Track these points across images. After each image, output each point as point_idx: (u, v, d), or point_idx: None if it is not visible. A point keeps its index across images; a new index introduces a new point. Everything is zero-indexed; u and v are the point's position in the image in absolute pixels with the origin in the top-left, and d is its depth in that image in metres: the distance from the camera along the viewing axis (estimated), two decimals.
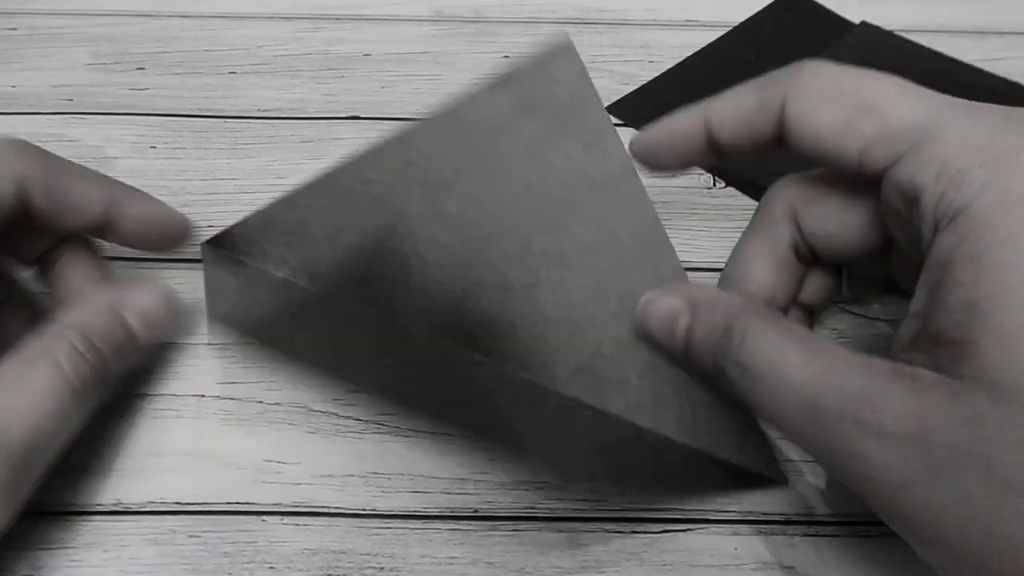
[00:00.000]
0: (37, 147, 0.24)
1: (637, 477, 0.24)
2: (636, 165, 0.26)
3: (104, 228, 0.25)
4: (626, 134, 0.37)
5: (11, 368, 0.21)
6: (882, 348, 0.21)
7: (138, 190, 0.26)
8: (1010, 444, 0.15)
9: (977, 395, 0.15)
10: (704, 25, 0.44)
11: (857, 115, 0.20)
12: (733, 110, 0.23)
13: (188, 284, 0.28)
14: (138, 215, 0.25)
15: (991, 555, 0.15)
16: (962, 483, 0.15)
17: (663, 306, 0.22)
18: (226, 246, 0.24)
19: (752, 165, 0.35)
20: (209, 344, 0.28)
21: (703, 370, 0.22)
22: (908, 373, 0.17)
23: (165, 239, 0.27)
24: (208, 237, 0.24)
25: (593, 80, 0.41)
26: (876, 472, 0.16)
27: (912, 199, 0.19)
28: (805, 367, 0.18)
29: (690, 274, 0.25)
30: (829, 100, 0.21)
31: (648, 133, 0.25)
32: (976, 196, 0.17)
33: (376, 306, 0.23)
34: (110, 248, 0.27)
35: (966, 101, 0.19)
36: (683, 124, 0.24)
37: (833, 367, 0.18)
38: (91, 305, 0.23)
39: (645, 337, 0.23)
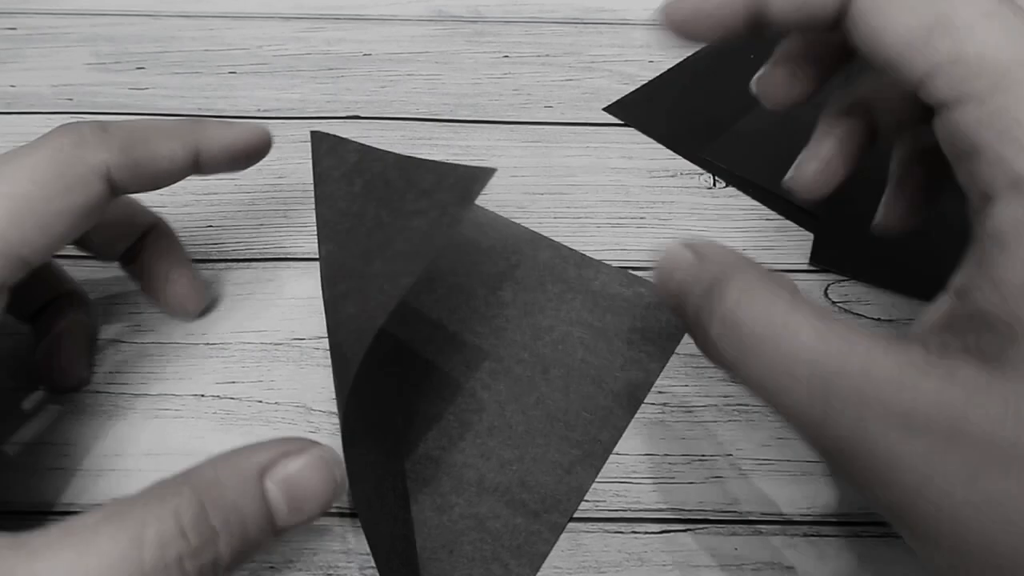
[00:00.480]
0: (107, 125, 0.22)
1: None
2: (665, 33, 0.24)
3: (194, 171, 0.24)
4: (626, 134, 0.37)
5: (93, 518, 0.16)
6: None
7: (211, 120, 0.25)
8: None
9: (1020, 390, 0.14)
10: None
11: (933, 28, 0.17)
12: None
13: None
14: (221, 148, 0.24)
15: (999, 558, 0.14)
16: (1001, 486, 0.14)
17: (672, 254, 0.20)
18: None
19: (752, 165, 0.35)
20: (209, 344, 0.28)
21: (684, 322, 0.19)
22: (943, 361, 0.15)
23: (250, 158, 0.25)
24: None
25: (593, 80, 0.41)
26: (897, 468, 0.15)
27: (968, 152, 0.17)
28: (818, 340, 0.16)
29: None
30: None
31: None
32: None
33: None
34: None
35: None
36: None
37: (853, 345, 0.16)
38: (229, 462, 0.18)
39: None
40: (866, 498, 0.16)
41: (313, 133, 0.26)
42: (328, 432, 0.26)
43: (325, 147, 0.25)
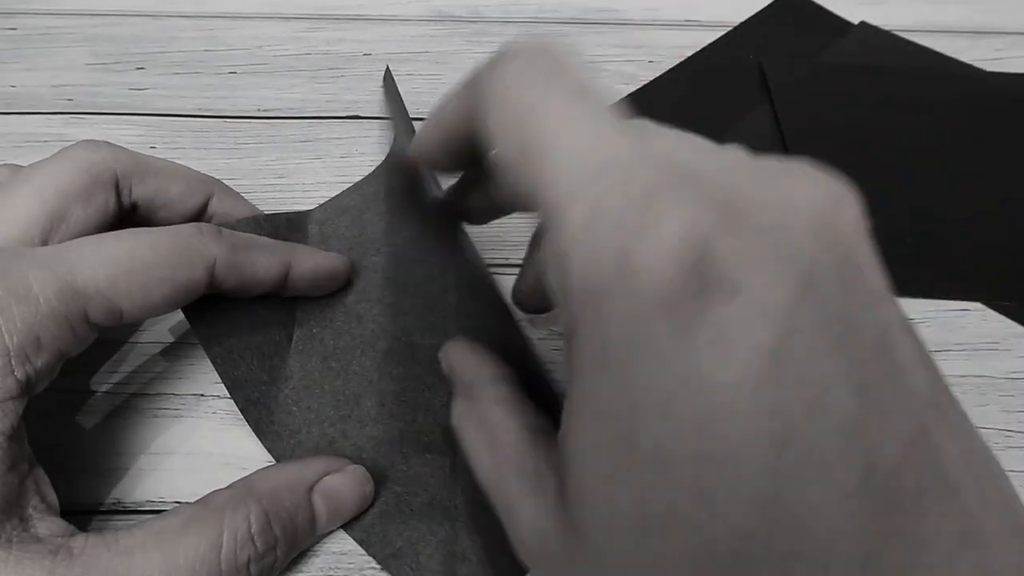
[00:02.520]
0: (223, 229, 0.24)
1: None
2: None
3: (282, 285, 0.25)
4: None
5: (175, 521, 0.20)
6: None
7: (301, 245, 0.27)
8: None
9: (570, 537, 0.15)
10: (704, 25, 0.44)
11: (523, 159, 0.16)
12: (449, 115, 0.21)
13: None
14: (307, 272, 0.26)
15: None
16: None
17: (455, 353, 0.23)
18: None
19: None
20: None
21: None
22: (542, 485, 0.17)
23: (331, 284, 0.27)
24: None
25: (593, 80, 0.41)
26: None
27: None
28: (486, 466, 0.19)
29: None
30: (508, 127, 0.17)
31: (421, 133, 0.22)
32: (571, 334, 0.14)
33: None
34: None
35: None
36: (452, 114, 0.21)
37: (507, 461, 0.18)
38: (286, 477, 0.22)
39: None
40: None
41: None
42: None
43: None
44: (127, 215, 0.25)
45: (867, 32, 0.43)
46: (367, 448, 0.24)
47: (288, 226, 0.28)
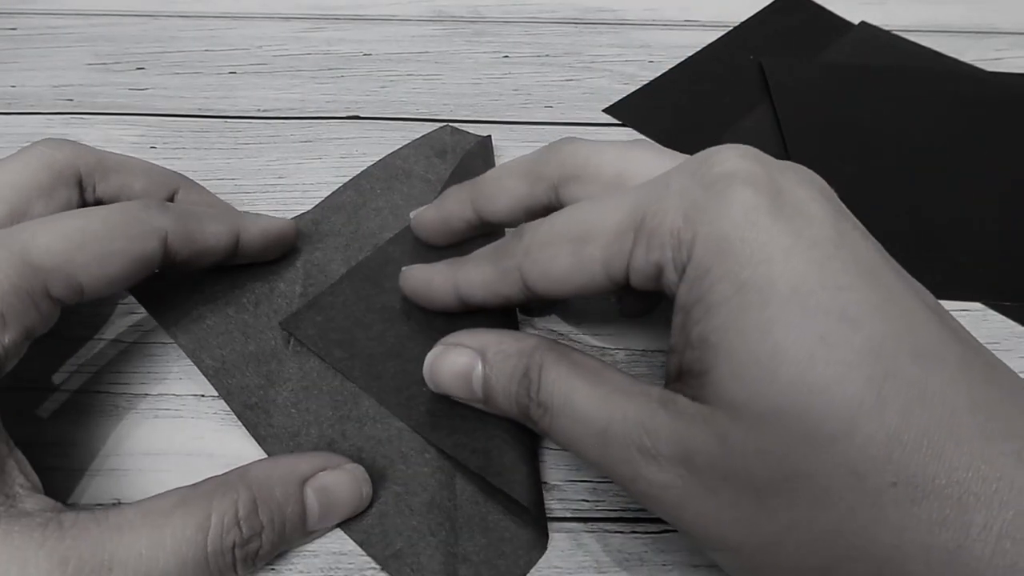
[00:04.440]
0: (168, 203, 0.25)
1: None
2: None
3: (233, 253, 0.26)
4: (626, 134, 0.37)
5: (165, 503, 0.20)
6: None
7: (249, 213, 0.28)
8: (751, 454, 0.17)
9: (719, 416, 0.17)
10: (704, 25, 0.44)
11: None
12: (506, 197, 0.25)
13: None
14: (256, 236, 0.27)
15: (764, 554, 0.17)
16: (726, 493, 0.17)
17: (453, 360, 0.23)
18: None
19: None
20: None
21: (507, 415, 0.22)
22: (671, 400, 0.18)
23: (281, 247, 0.28)
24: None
25: (593, 80, 0.42)
26: (659, 492, 0.18)
27: (656, 273, 0.20)
28: (592, 398, 0.20)
29: None
30: (600, 185, 0.23)
31: (425, 215, 0.27)
32: (693, 249, 0.18)
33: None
34: None
35: (669, 170, 0.20)
36: (455, 210, 0.26)
37: (615, 396, 0.19)
38: (280, 467, 0.22)
39: (441, 392, 0.23)
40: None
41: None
42: None
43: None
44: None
45: (867, 32, 0.43)
46: (366, 448, 0.24)
47: None
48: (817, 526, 0.16)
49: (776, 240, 0.17)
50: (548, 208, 0.24)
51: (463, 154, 0.32)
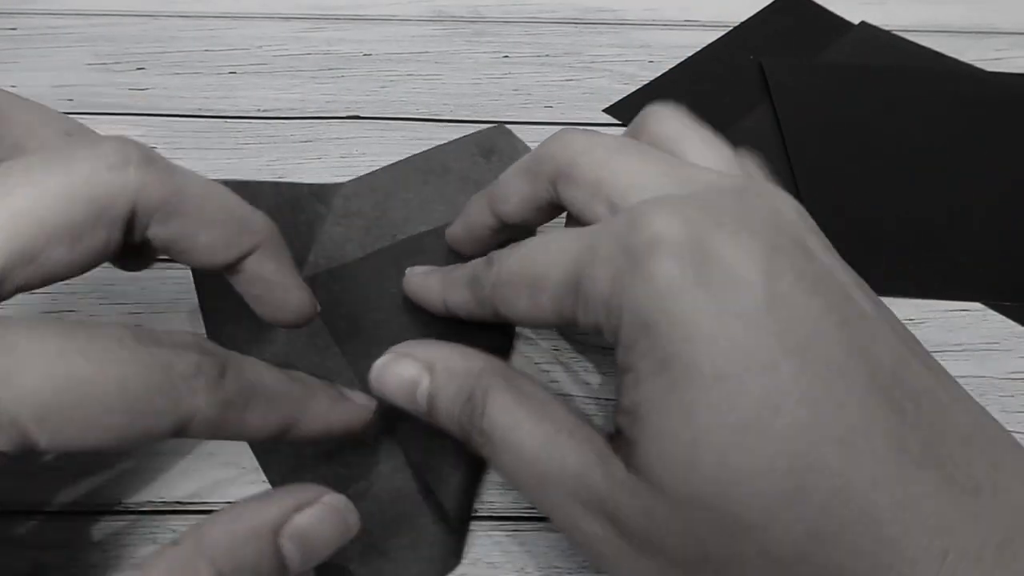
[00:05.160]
0: (224, 364, 0.18)
1: None
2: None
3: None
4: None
5: None
6: None
7: (320, 389, 0.21)
8: (674, 533, 0.17)
9: (645, 492, 0.17)
10: (704, 25, 0.44)
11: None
12: (515, 196, 0.24)
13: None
14: (311, 434, 0.21)
15: None
16: (656, 561, 0.17)
17: (400, 372, 0.22)
18: None
19: None
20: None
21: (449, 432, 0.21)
22: (608, 459, 0.18)
23: (340, 436, 0.22)
24: None
25: (593, 80, 0.42)
26: (596, 545, 0.18)
27: (600, 330, 0.19)
28: (536, 437, 0.19)
29: None
30: (583, 190, 0.22)
31: (453, 231, 0.27)
32: (620, 322, 0.18)
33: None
34: None
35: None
36: (476, 217, 0.26)
37: (559, 439, 0.19)
38: (242, 524, 0.17)
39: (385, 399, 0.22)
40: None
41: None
42: None
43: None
44: (132, 248, 0.20)
45: (867, 32, 0.43)
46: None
47: (309, 198, 0.29)
48: None
49: (698, 316, 0.16)
50: (553, 204, 0.23)
51: (508, 160, 0.31)
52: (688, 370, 0.16)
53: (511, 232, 0.26)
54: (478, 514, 0.24)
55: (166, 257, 0.21)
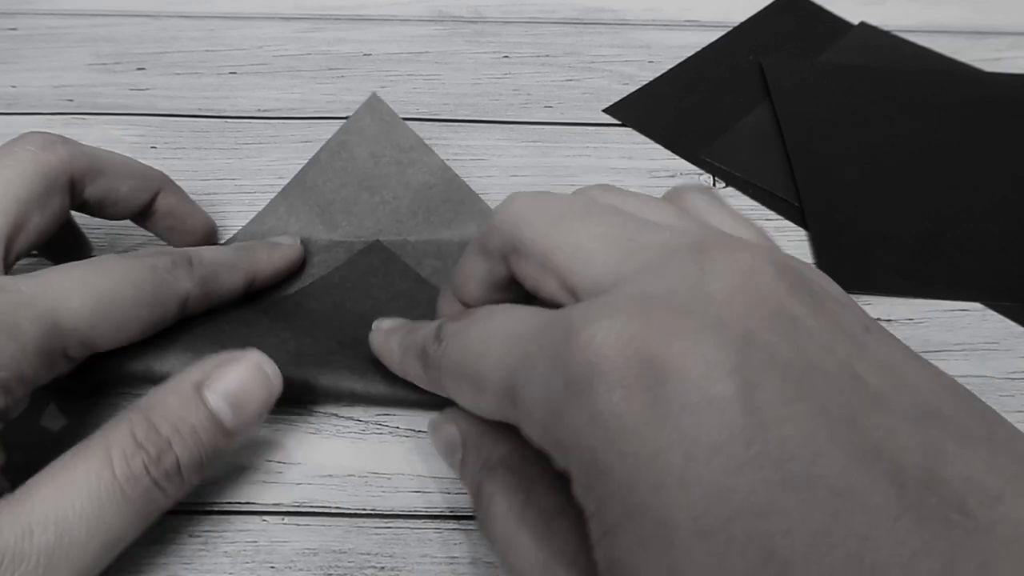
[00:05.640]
0: (194, 258, 0.25)
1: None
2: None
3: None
4: (626, 134, 0.37)
5: (64, 458, 0.19)
6: None
7: (259, 247, 0.28)
8: None
9: None
10: (704, 25, 0.44)
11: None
12: (472, 280, 0.22)
13: None
14: (268, 278, 0.28)
15: None
16: None
17: (445, 434, 0.23)
18: None
19: (751, 166, 0.35)
20: None
21: None
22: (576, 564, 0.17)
23: (290, 273, 0.29)
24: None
25: (593, 80, 0.42)
26: None
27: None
28: (532, 558, 0.18)
29: None
30: (532, 263, 0.20)
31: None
32: (569, 461, 0.15)
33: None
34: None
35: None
36: (446, 310, 0.24)
37: (551, 565, 0.18)
38: (167, 386, 0.21)
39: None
40: None
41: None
42: (329, 433, 0.26)
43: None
44: (75, 209, 0.26)
45: (867, 32, 0.43)
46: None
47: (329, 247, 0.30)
48: None
49: (664, 457, 0.13)
50: (510, 280, 0.21)
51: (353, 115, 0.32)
52: (663, 526, 0.13)
53: None
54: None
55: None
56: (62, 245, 0.28)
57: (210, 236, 0.30)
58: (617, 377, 0.14)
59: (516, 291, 0.21)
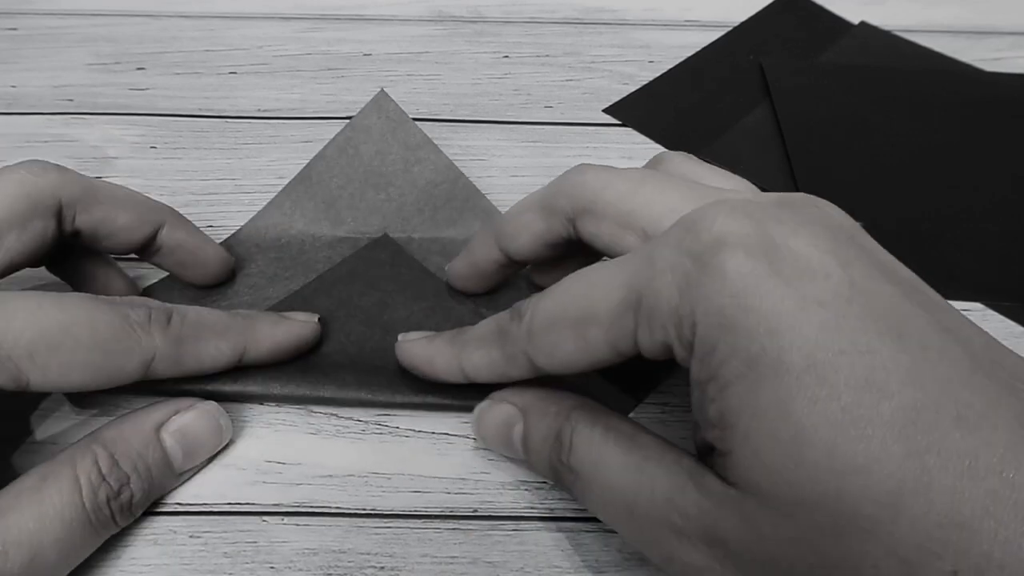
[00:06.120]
0: (176, 315, 0.23)
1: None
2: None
3: (236, 366, 0.25)
4: (626, 134, 0.37)
5: (32, 480, 0.20)
6: None
7: (261, 318, 0.25)
8: (784, 543, 0.15)
9: (748, 502, 0.16)
10: (704, 25, 0.44)
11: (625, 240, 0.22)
12: (526, 233, 0.24)
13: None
14: (264, 354, 0.25)
15: None
16: None
17: (496, 416, 0.23)
18: None
19: (751, 166, 0.35)
20: None
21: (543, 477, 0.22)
22: (700, 475, 0.17)
23: (295, 354, 0.26)
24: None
25: (593, 80, 0.42)
26: (684, 568, 0.18)
27: (666, 350, 0.19)
28: (623, 467, 0.19)
29: None
30: (609, 223, 0.22)
31: (456, 267, 0.28)
32: (695, 327, 0.17)
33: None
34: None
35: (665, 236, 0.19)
36: (482, 253, 0.26)
37: (646, 466, 0.19)
38: (130, 422, 0.22)
39: (484, 444, 0.24)
40: None
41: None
42: (329, 433, 0.26)
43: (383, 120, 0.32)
44: (69, 241, 0.25)
45: (867, 32, 0.43)
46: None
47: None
48: None
49: (780, 307, 0.16)
50: (568, 241, 0.23)
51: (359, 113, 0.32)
52: (778, 364, 0.15)
53: (517, 268, 0.26)
54: (478, 514, 0.24)
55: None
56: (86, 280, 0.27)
57: (224, 268, 0.28)
58: (742, 245, 0.16)
59: (563, 251, 0.23)
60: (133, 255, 0.27)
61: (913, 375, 0.15)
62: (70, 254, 0.26)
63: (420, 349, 0.24)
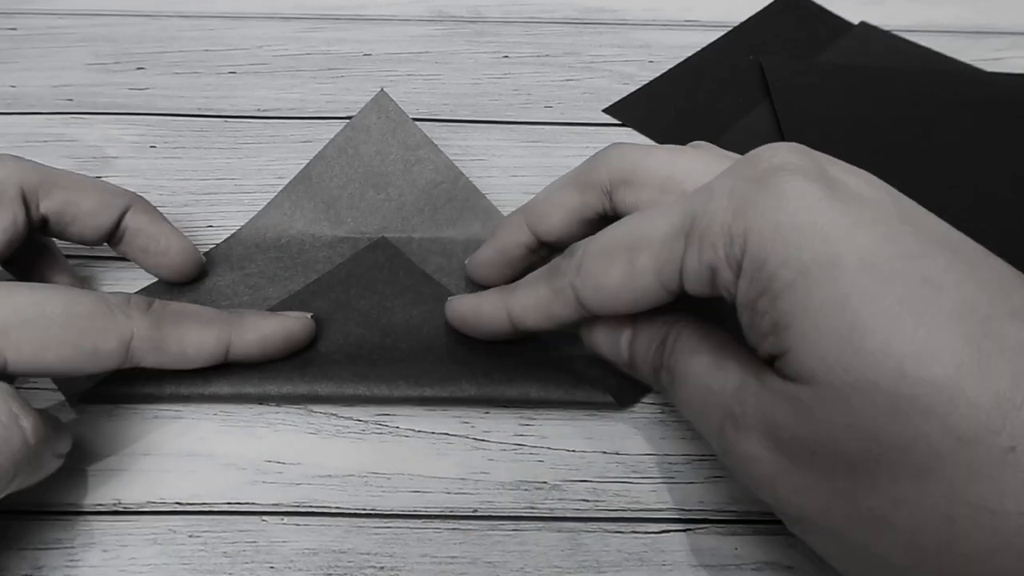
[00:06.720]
0: (158, 304, 0.23)
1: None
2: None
3: (224, 360, 0.24)
4: (626, 134, 0.37)
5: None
6: None
7: (249, 313, 0.25)
8: (840, 428, 0.16)
9: (804, 392, 0.17)
10: (704, 25, 0.44)
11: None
12: (560, 210, 0.25)
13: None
14: (252, 347, 0.24)
15: (870, 533, 0.16)
16: (816, 469, 0.17)
17: (611, 322, 0.23)
18: None
19: None
20: None
21: (643, 380, 0.23)
22: (763, 371, 0.18)
23: (286, 351, 0.25)
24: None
25: (593, 80, 0.42)
26: (749, 465, 0.18)
27: (711, 276, 0.19)
28: (708, 365, 0.20)
29: None
30: (650, 190, 0.23)
31: (480, 255, 0.28)
32: (746, 244, 0.18)
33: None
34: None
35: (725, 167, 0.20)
36: (511, 237, 0.26)
37: (726, 363, 0.20)
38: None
39: (593, 351, 0.24)
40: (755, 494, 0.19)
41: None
42: (329, 433, 0.26)
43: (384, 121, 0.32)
44: (38, 229, 0.25)
45: (867, 32, 0.43)
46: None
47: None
48: (928, 500, 0.15)
49: (835, 221, 0.17)
50: (603, 216, 0.24)
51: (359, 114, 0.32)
52: (832, 266, 0.16)
53: (544, 253, 0.26)
54: (478, 514, 0.24)
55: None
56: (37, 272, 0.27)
57: (188, 261, 0.28)
58: (801, 170, 0.17)
59: (596, 228, 0.23)
60: (105, 245, 0.27)
61: (968, 276, 0.16)
62: (27, 255, 0.26)
63: (468, 300, 0.25)
